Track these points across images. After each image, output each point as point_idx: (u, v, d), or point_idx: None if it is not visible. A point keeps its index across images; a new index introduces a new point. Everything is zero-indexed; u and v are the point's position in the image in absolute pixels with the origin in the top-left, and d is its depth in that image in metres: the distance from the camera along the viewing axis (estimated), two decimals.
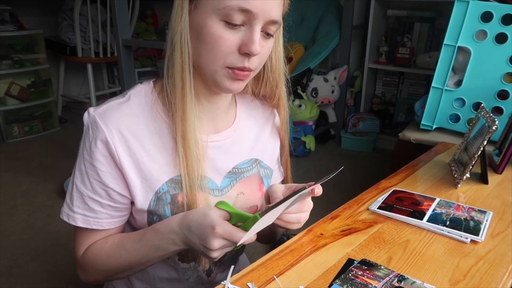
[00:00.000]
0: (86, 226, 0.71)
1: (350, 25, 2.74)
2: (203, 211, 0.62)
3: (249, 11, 0.60)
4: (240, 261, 0.93)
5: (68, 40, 2.98)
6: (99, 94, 3.23)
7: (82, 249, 0.73)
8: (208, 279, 0.82)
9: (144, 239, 0.68)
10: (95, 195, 0.69)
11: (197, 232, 0.61)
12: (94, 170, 0.68)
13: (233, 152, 0.77)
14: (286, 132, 0.85)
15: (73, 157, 2.53)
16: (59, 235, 1.79)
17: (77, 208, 0.70)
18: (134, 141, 0.68)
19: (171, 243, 0.65)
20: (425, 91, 2.76)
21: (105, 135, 0.66)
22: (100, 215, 0.70)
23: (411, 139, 1.47)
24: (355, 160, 2.72)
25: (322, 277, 0.62)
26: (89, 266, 0.72)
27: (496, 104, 1.35)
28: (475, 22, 1.32)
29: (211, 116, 0.74)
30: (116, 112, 0.68)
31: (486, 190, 0.94)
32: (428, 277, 0.63)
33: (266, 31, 0.64)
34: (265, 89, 0.79)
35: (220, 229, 0.58)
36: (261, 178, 0.82)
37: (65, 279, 1.54)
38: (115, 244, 0.71)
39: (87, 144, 0.68)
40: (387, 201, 0.86)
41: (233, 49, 0.62)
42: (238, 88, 0.67)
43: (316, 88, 2.78)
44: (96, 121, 0.66)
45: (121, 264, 0.70)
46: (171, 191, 0.70)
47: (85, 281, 0.76)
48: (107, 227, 0.72)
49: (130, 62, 1.98)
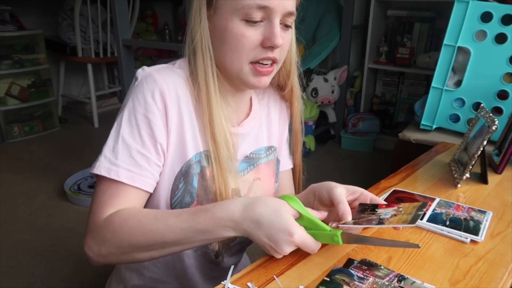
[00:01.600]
0: (128, 182, 0.65)
1: (350, 25, 2.74)
2: (275, 207, 0.59)
3: (267, 7, 0.63)
4: (240, 261, 0.93)
5: (68, 40, 2.98)
6: (99, 94, 3.23)
7: (109, 211, 0.65)
8: (215, 260, 0.81)
9: (191, 219, 0.61)
10: (144, 150, 0.67)
11: (269, 231, 0.58)
12: (147, 123, 0.67)
13: (251, 138, 0.80)
14: (299, 123, 0.87)
15: (73, 157, 2.55)
16: (59, 235, 1.79)
17: (121, 162, 0.65)
18: (183, 104, 0.70)
19: (227, 230, 0.60)
20: (425, 91, 2.76)
21: (163, 89, 0.67)
22: (145, 172, 0.67)
23: (411, 139, 1.47)
24: (355, 160, 2.72)
25: (322, 277, 0.62)
26: (111, 233, 0.63)
27: (496, 104, 1.35)
28: (475, 22, 1.32)
29: (235, 109, 0.77)
30: (171, 73, 0.70)
31: (486, 190, 0.94)
32: (428, 277, 0.63)
33: (284, 23, 0.67)
34: (279, 79, 0.81)
35: (298, 238, 0.58)
36: (276, 165, 0.85)
37: (65, 279, 1.54)
38: (152, 215, 0.64)
39: (140, 96, 0.67)
40: (387, 201, 0.86)
41: (256, 45, 0.66)
42: (265, 84, 0.70)
43: (316, 88, 2.78)
44: (153, 76, 0.68)
45: (153, 239, 0.62)
46: (202, 162, 0.72)
47: (93, 256, 0.66)
48: (147, 189, 0.68)
49: (130, 62, 1.98)
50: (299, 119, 0.86)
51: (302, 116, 0.87)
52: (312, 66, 2.73)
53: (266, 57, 0.67)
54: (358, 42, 3.05)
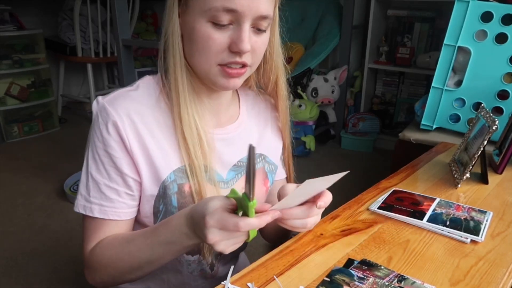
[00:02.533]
0: (103, 216, 0.69)
1: (350, 25, 2.74)
2: (205, 200, 0.57)
3: (235, 10, 0.60)
4: (240, 261, 0.93)
5: (68, 40, 2.97)
6: (99, 94, 3.21)
7: (92, 244, 0.70)
8: (211, 273, 0.81)
9: (155, 234, 0.64)
10: (111, 183, 0.68)
11: (197, 227, 0.57)
12: (108, 157, 0.67)
13: (239, 145, 0.78)
14: (286, 124, 0.84)
15: (73, 157, 2.54)
16: (59, 235, 1.79)
17: (93, 198, 0.69)
18: (143, 127, 0.68)
19: (185, 237, 0.60)
20: (425, 91, 2.76)
21: (116, 121, 0.66)
22: (117, 204, 0.69)
23: (411, 139, 1.46)
24: (355, 160, 2.72)
25: (322, 277, 0.62)
26: (97, 264, 0.69)
27: (496, 104, 1.35)
28: (475, 22, 1.32)
29: (213, 112, 0.75)
30: (125, 98, 0.69)
31: (486, 190, 0.94)
32: (428, 277, 0.63)
33: (257, 27, 0.64)
34: (263, 80, 0.79)
35: (210, 218, 0.54)
36: (266, 173, 0.82)
37: (65, 279, 1.54)
38: (125, 240, 0.68)
39: (97, 132, 0.68)
40: (387, 201, 0.86)
41: (223, 48, 0.63)
42: (234, 85, 0.68)
43: (316, 88, 2.77)
44: (105, 107, 0.67)
45: (130, 262, 0.66)
46: (178, 180, 0.70)
47: (92, 283, 0.73)
48: (124, 218, 0.70)
49: (130, 62, 1.98)
50: (285, 120, 0.83)
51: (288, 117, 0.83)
52: (312, 66, 2.73)
53: (234, 62, 0.64)
54: (358, 42, 3.04)
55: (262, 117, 0.84)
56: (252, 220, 0.53)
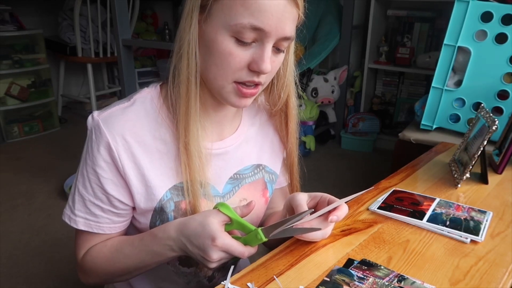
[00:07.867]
0: (87, 229, 0.70)
1: (350, 25, 2.74)
2: (202, 220, 0.61)
3: (262, 29, 0.58)
4: (240, 261, 0.93)
5: (68, 40, 2.98)
6: (99, 94, 3.23)
7: (82, 252, 0.73)
8: (209, 284, 0.82)
9: (141, 244, 0.67)
10: (96, 200, 0.69)
11: (196, 242, 0.61)
12: (95, 176, 0.67)
13: (236, 157, 0.76)
14: (294, 143, 0.81)
15: (73, 157, 2.55)
16: (59, 235, 1.79)
17: (78, 212, 0.70)
18: (138, 147, 0.67)
19: (168, 249, 0.64)
20: (425, 91, 2.76)
21: (109, 142, 0.65)
22: (101, 219, 0.70)
23: (411, 139, 1.46)
24: (355, 160, 2.72)
25: (322, 277, 0.62)
26: (89, 269, 0.72)
27: (496, 104, 1.35)
28: (475, 22, 1.32)
29: (216, 124, 0.73)
30: (120, 117, 0.67)
31: (486, 190, 0.94)
32: (428, 277, 0.63)
33: (277, 47, 0.63)
34: (272, 96, 0.76)
35: (220, 242, 0.59)
36: (265, 184, 0.81)
37: (65, 279, 1.54)
38: (113, 248, 0.71)
39: (89, 149, 0.67)
40: (387, 201, 0.86)
41: (243, 66, 0.61)
42: (245, 104, 0.66)
43: (316, 88, 2.78)
44: (99, 127, 0.66)
45: (119, 268, 0.70)
46: (175, 198, 0.69)
47: (85, 283, 0.77)
48: (108, 232, 0.71)
49: (130, 62, 1.98)
50: (294, 139, 0.80)
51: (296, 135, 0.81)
52: (312, 66, 2.73)
53: (251, 81, 0.62)
54: (358, 42, 3.04)
55: (263, 125, 0.82)
56: (254, 250, 0.63)
